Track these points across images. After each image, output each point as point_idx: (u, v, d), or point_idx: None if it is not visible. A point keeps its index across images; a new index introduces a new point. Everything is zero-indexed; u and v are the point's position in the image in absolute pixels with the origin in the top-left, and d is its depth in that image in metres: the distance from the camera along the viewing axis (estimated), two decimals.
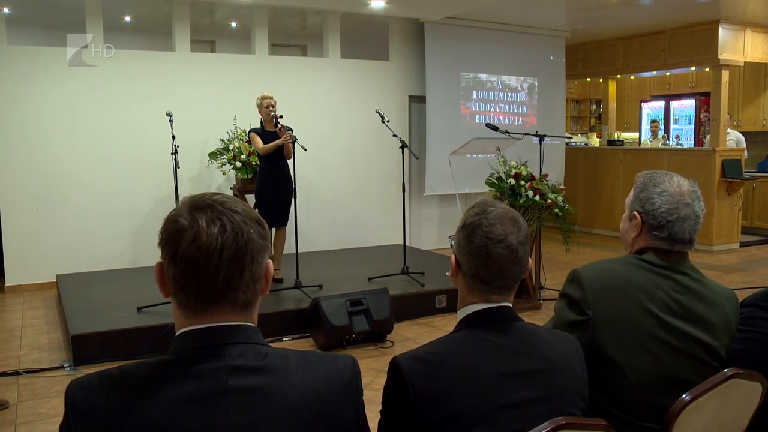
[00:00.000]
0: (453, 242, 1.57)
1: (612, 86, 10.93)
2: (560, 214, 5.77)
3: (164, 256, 1.14)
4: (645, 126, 11.59)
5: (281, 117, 5.68)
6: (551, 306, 5.96)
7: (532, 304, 5.90)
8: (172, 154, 5.43)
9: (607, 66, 10.27)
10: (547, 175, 6.00)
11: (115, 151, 6.92)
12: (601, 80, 11.08)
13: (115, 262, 6.93)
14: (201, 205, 1.14)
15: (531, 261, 1.58)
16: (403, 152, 6.18)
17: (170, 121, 5.60)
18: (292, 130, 5.62)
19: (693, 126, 11.24)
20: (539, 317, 5.64)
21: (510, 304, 1.52)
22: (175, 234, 1.12)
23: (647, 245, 1.76)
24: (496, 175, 5.88)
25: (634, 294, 1.66)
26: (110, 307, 5.30)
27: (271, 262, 1.20)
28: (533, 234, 5.70)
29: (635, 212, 1.78)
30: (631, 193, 1.83)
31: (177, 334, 1.17)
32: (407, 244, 6.79)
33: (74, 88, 6.72)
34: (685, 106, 11.40)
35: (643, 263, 1.72)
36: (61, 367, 4.52)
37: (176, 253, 1.11)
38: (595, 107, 13.41)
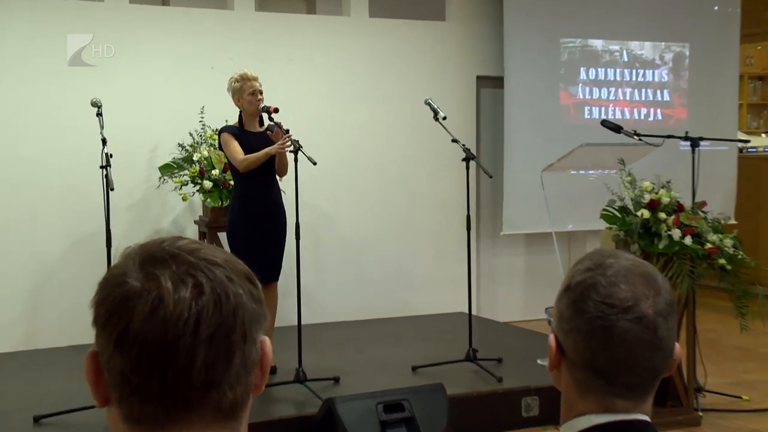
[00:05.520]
0: (551, 316, 1.61)
1: None
2: (729, 267, 5.70)
3: (103, 341, 1.11)
4: None
5: (276, 111, 5.75)
6: (716, 422, 5.76)
7: (684, 417, 5.82)
8: (101, 167, 5.43)
9: None
10: (704, 204, 5.98)
11: (5, 165, 6.93)
12: None
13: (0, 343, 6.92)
14: (160, 257, 1.13)
15: (679, 346, 1.57)
16: (468, 166, 6.21)
17: (98, 114, 5.63)
18: (289, 132, 5.64)
19: None
20: None
21: (648, 417, 1.55)
22: (122, 303, 1.09)
23: None
24: (619, 203, 5.88)
25: None
26: None
27: (268, 340, 1.20)
28: (682, 301, 5.69)
29: None
30: None
31: None
32: (474, 312, 6.84)
33: None
34: None
35: None
36: None
37: (125, 334, 1.08)
38: None
